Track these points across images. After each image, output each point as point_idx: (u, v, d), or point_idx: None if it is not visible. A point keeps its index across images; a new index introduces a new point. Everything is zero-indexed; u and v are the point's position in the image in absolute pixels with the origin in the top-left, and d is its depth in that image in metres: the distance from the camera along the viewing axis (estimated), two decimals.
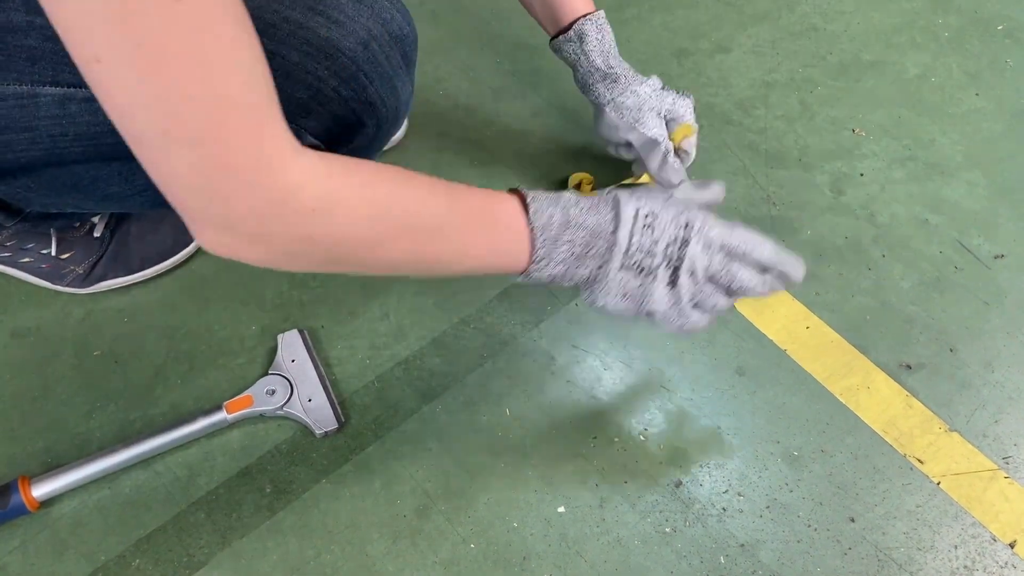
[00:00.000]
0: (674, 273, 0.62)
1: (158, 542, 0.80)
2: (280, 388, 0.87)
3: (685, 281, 0.62)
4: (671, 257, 0.62)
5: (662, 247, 0.62)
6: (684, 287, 0.62)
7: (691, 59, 1.23)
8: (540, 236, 0.59)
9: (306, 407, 0.86)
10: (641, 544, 0.81)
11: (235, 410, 0.85)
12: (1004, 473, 0.86)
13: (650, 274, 0.62)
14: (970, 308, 0.98)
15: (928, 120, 1.17)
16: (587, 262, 0.61)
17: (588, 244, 0.60)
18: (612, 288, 0.62)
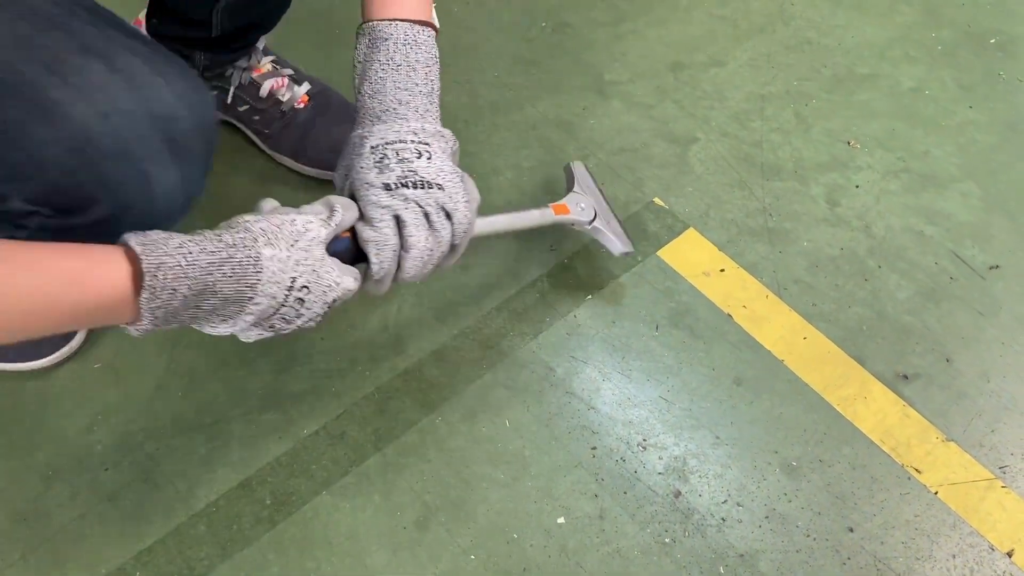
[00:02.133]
0: None
1: (158, 554, 0.80)
2: (586, 205, 0.93)
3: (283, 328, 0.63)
4: (302, 325, 0.63)
5: (301, 322, 0.63)
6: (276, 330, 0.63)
7: (686, 72, 1.24)
8: (150, 311, 0.54)
9: (609, 228, 0.93)
10: (641, 555, 0.81)
11: (559, 213, 0.90)
12: (1001, 482, 0.86)
13: (273, 331, 0.63)
14: (965, 318, 0.99)
15: (922, 132, 1.18)
16: (211, 319, 0.59)
17: (216, 309, 0.58)
18: (233, 332, 0.61)
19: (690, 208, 1.08)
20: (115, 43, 0.62)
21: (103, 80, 0.60)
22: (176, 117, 0.64)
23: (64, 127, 0.59)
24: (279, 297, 0.59)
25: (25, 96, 0.58)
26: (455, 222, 0.68)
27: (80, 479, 0.84)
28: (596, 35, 1.29)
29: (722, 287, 1.00)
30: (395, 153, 0.67)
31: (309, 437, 0.87)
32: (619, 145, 1.14)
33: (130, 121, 0.61)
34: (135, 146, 0.62)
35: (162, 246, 0.54)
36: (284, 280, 0.59)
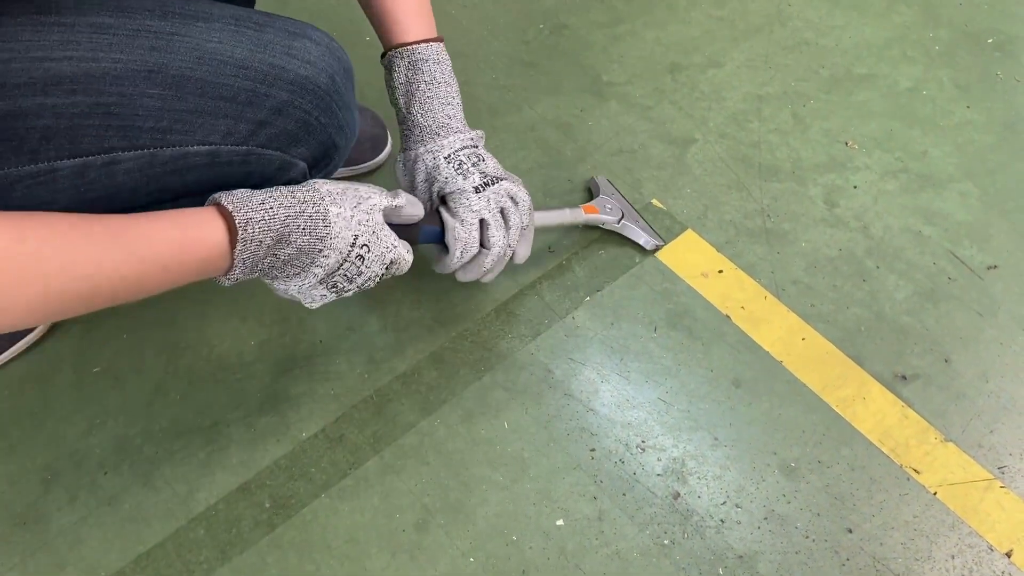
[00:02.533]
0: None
1: (157, 558, 0.80)
2: (614, 207, 1.02)
3: (345, 287, 0.73)
4: (361, 284, 0.73)
5: (361, 281, 0.72)
6: (344, 293, 0.73)
7: (684, 73, 1.24)
8: (241, 261, 0.63)
9: (637, 225, 1.02)
10: (640, 556, 0.81)
11: (589, 212, 0.99)
12: (1000, 483, 0.86)
13: (336, 291, 0.72)
14: (964, 319, 0.99)
15: (920, 132, 1.18)
16: (286, 270, 0.68)
17: (291, 260, 0.67)
18: (300, 292, 0.71)
19: (688, 209, 1.08)
20: (279, 20, 0.73)
21: (319, 53, 0.71)
22: (350, 67, 0.76)
23: (317, 95, 0.71)
24: (343, 251, 0.68)
25: (286, 79, 0.69)
26: (520, 204, 0.83)
27: (79, 482, 0.84)
28: (594, 37, 1.29)
29: (720, 288, 1.00)
30: (467, 158, 0.81)
31: (308, 440, 0.87)
32: (617, 146, 1.15)
33: (341, 79, 0.74)
34: (347, 96, 0.75)
35: (247, 203, 0.63)
36: (347, 236, 0.68)
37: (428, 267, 1.00)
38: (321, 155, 0.75)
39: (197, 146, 0.68)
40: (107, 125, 0.63)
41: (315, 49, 0.71)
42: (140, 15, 0.65)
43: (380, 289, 0.99)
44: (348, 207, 0.69)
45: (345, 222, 0.68)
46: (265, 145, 0.71)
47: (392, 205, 0.73)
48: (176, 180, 0.68)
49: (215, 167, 0.69)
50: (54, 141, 0.61)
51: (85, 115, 0.62)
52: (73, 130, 0.61)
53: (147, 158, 0.66)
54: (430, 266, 0.86)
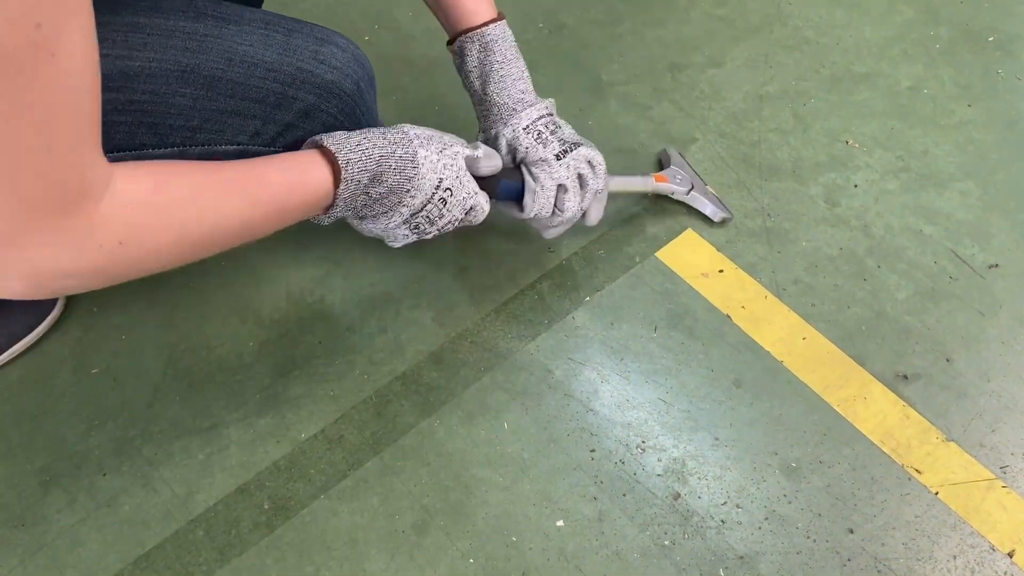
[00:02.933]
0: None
1: (157, 560, 0.80)
2: (684, 178, 1.03)
3: (427, 228, 0.77)
4: (441, 227, 0.77)
5: (442, 223, 0.76)
6: (425, 235, 0.78)
7: (684, 73, 1.24)
8: (343, 200, 0.68)
9: (707, 197, 1.03)
10: (640, 557, 0.81)
11: (659, 180, 1.01)
12: (1002, 482, 0.86)
13: (418, 232, 0.76)
14: (965, 318, 0.98)
15: (921, 131, 1.18)
16: (375, 208, 0.72)
17: (382, 198, 0.71)
18: (385, 231, 0.75)
19: (688, 209, 1.07)
20: (306, 26, 0.75)
21: (344, 59, 0.75)
22: (373, 74, 0.80)
23: (343, 100, 0.75)
24: (428, 192, 0.72)
25: (313, 84, 0.72)
26: (596, 169, 0.86)
27: (78, 484, 0.84)
28: (593, 36, 1.29)
29: (721, 288, 1.00)
30: (545, 127, 0.84)
31: (307, 441, 0.87)
32: (617, 146, 1.14)
33: (365, 85, 0.77)
34: (370, 101, 0.79)
35: (347, 144, 0.67)
36: (433, 179, 0.72)
37: (429, 267, 1.00)
38: None
39: (225, 146, 0.70)
40: (139, 122, 0.65)
41: (341, 55, 0.74)
42: (174, 16, 0.66)
43: (377, 291, 0.99)
44: (434, 151, 0.72)
45: (432, 164, 0.71)
46: (291, 147, 0.73)
47: (473, 155, 0.76)
48: None
49: None
50: None
51: (118, 112, 0.63)
52: (106, 126, 0.62)
53: (176, 155, 0.67)
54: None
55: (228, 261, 1.00)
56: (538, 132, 0.84)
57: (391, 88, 1.20)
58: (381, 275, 1.00)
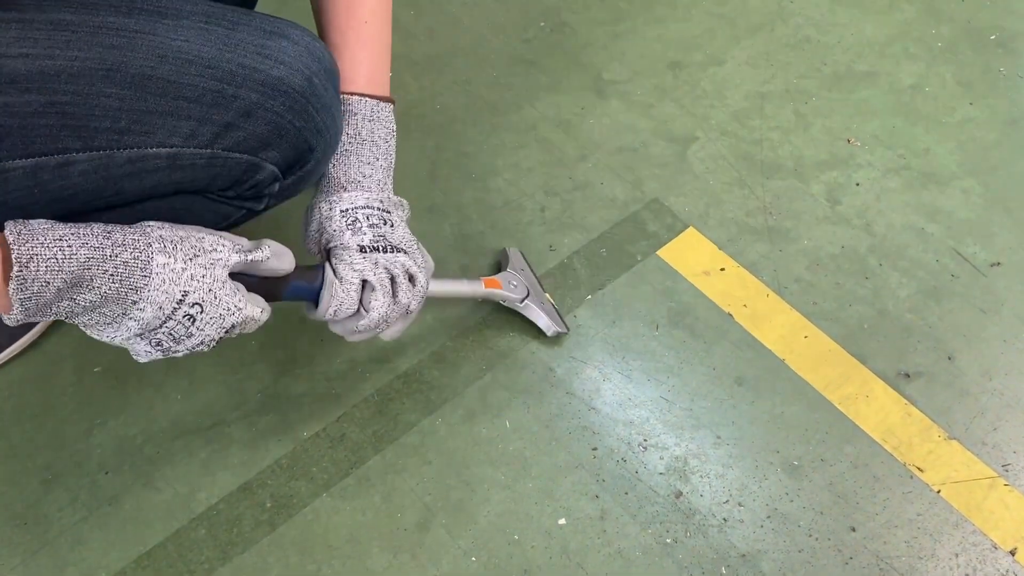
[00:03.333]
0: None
1: (159, 558, 0.80)
2: (519, 284, 0.95)
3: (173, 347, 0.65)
4: (192, 347, 0.65)
5: (192, 343, 0.64)
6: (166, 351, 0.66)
7: (685, 71, 1.24)
8: (19, 301, 0.56)
9: (542, 308, 0.94)
10: (642, 555, 0.81)
11: (489, 286, 0.91)
12: (1004, 480, 0.86)
13: (161, 349, 0.65)
14: (967, 316, 0.98)
15: (922, 130, 1.18)
16: (93, 317, 0.61)
17: (96, 307, 0.60)
18: (119, 342, 0.64)
19: (690, 207, 1.07)
20: (256, 18, 0.69)
21: (295, 53, 0.68)
22: (333, 69, 0.73)
23: (291, 97, 0.68)
24: (167, 309, 0.61)
25: (256, 80, 0.66)
26: (417, 285, 0.76)
27: (80, 483, 0.84)
28: (594, 34, 1.29)
29: (722, 286, 1.00)
30: (365, 217, 0.75)
31: (309, 439, 0.87)
32: (618, 144, 1.14)
33: (320, 80, 0.70)
34: (327, 97, 0.71)
35: (40, 236, 0.56)
36: (174, 292, 0.61)
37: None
38: (295, 159, 0.72)
39: (157, 148, 0.65)
40: (61, 125, 0.61)
41: (291, 49, 0.68)
42: (104, 11, 0.62)
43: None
44: (181, 258, 0.61)
45: (173, 275, 0.60)
46: (232, 148, 0.68)
47: (247, 260, 0.65)
48: (135, 183, 0.66)
49: (177, 170, 0.67)
50: (6, 141, 0.59)
51: (38, 114, 0.60)
52: (25, 129, 0.59)
53: (103, 160, 0.63)
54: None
55: None
56: (355, 219, 0.74)
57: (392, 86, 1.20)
58: None
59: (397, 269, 0.74)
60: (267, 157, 0.70)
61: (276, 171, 0.72)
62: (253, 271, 0.67)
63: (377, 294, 0.72)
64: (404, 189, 1.07)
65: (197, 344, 0.65)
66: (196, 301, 0.62)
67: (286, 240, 0.72)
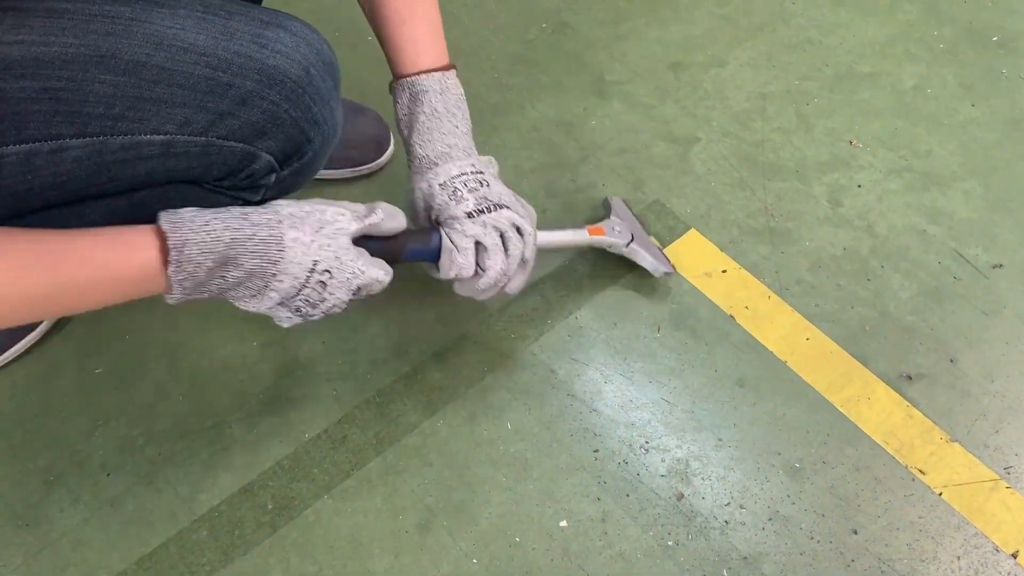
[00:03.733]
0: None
1: (160, 559, 0.80)
2: (623, 230, 0.96)
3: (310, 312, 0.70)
4: (327, 310, 0.70)
5: (326, 306, 0.69)
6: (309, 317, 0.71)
7: (687, 73, 1.24)
8: (178, 283, 0.62)
9: (648, 251, 0.96)
10: (644, 558, 0.81)
11: (594, 234, 0.94)
12: (1006, 483, 0.86)
13: (300, 315, 0.70)
14: (969, 318, 0.98)
15: (924, 131, 1.18)
16: (240, 291, 0.66)
17: (243, 282, 0.65)
18: (264, 312, 0.69)
19: (691, 209, 1.07)
20: (254, 9, 0.70)
21: (293, 43, 0.69)
22: (333, 62, 0.74)
23: (287, 86, 0.69)
24: (300, 278, 0.65)
25: (252, 68, 0.67)
26: (524, 235, 0.78)
27: (81, 484, 0.84)
28: (596, 35, 1.29)
29: (724, 288, 1.00)
30: (463, 185, 0.77)
31: (310, 441, 0.87)
32: (620, 146, 1.14)
33: (318, 71, 0.71)
34: (324, 89, 0.73)
35: (189, 223, 0.61)
36: (306, 262, 0.65)
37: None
38: (292, 150, 0.73)
39: (151, 135, 0.65)
40: (55, 111, 0.61)
41: (289, 39, 0.69)
42: (100, 0, 0.63)
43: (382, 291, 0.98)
44: (308, 231, 0.66)
45: (303, 247, 0.65)
46: (227, 137, 0.69)
47: (365, 224, 0.70)
48: (128, 170, 0.66)
49: (170, 158, 0.67)
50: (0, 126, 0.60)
51: (32, 100, 0.60)
52: (19, 115, 0.60)
53: (96, 146, 0.64)
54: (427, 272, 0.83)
55: None
56: (455, 189, 0.77)
57: None
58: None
59: (504, 224, 0.77)
60: (263, 146, 0.71)
61: (272, 161, 0.73)
62: (372, 233, 0.71)
63: (491, 253, 0.76)
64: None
65: (331, 307, 0.69)
66: (326, 268, 0.66)
67: None
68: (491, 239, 0.76)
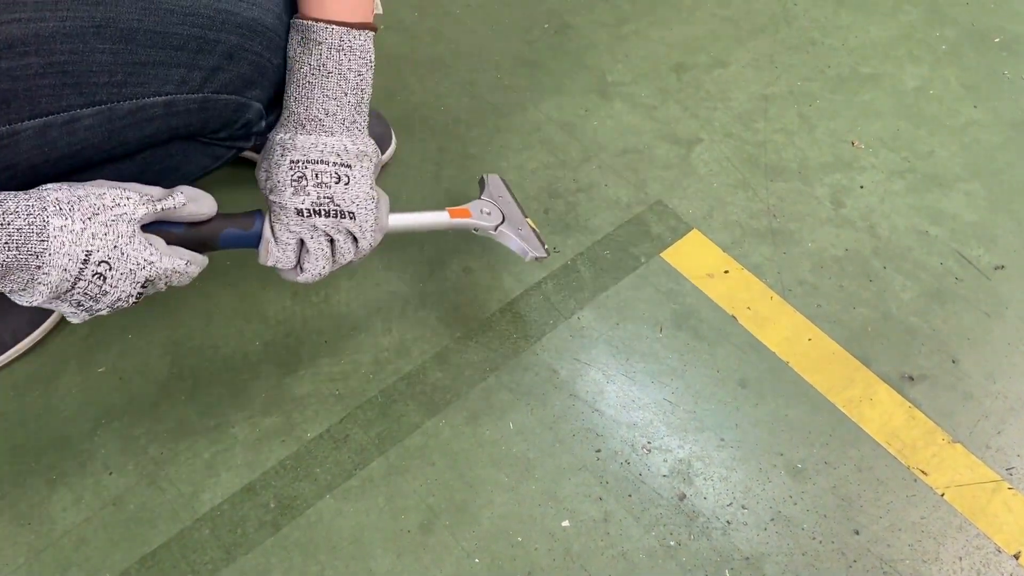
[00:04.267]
0: None
1: (162, 559, 0.80)
2: (493, 212, 0.88)
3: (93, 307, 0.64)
4: (112, 304, 0.64)
5: (110, 300, 0.63)
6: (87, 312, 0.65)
7: (690, 74, 1.24)
8: None
9: (517, 234, 0.87)
10: (646, 558, 0.81)
11: (456, 216, 0.85)
12: (1008, 484, 0.86)
13: (84, 309, 0.64)
14: (971, 319, 0.98)
15: (926, 132, 1.18)
16: (5, 284, 0.60)
17: (2, 274, 0.59)
18: (39, 302, 0.62)
19: (693, 209, 1.07)
20: None
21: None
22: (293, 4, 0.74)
23: (267, 36, 0.70)
24: (72, 271, 0.60)
25: (234, 23, 0.68)
26: (359, 247, 0.73)
27: (84, 483, 0.84)
28: (598, 36, 1.29)
29: (726, 289, 1.00)
30: (314, 175, 0.70)
31: (313, 441, 0.87)
32: (622, 146, 1.14)
33: (288, 16, 0.73)
34: (281, 30, 0.73)
35: None
36: (76, 252, 0.60)
37: (434, 267, 1.00)
38: (276, 95, 0.75)
39: (153, 97, 0.67)
40: (63, 84, 0.63)
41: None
42: None
43: (383, 291, 0.99)
44: (79, 219, 0.60)
45: (72, 236, 0.59)
46: (220, 91, 0.70)
47: (158, 208, 0.64)
48: (136, 132, 0.68)
49: (173, 116, 0.69)
50: (13, 104, 0.61)
51: (40, 75, 0.61)
52: (31, 91, 0.61)
53: (106, 113, 0.66)
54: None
55: (233, 261, 1.00)
56: (301, 175, 0.70)
57: (396, 87, 1.20)
58: (386, 275, 1.00)
59: (338, 233, 0.71)
60: (252, 96, 0.73)
61: (261, 108, 0.75)
62: (170, 218, 0.66)
63: (311, 257, 0.71)
64: (408, 190, 1.07)
65: (115, 301, 0.64)
66: (102, 259, 0.61)
67: None
68: (316, 244, 0.71)
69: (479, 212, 0.88)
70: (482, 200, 0.90)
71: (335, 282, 0.99)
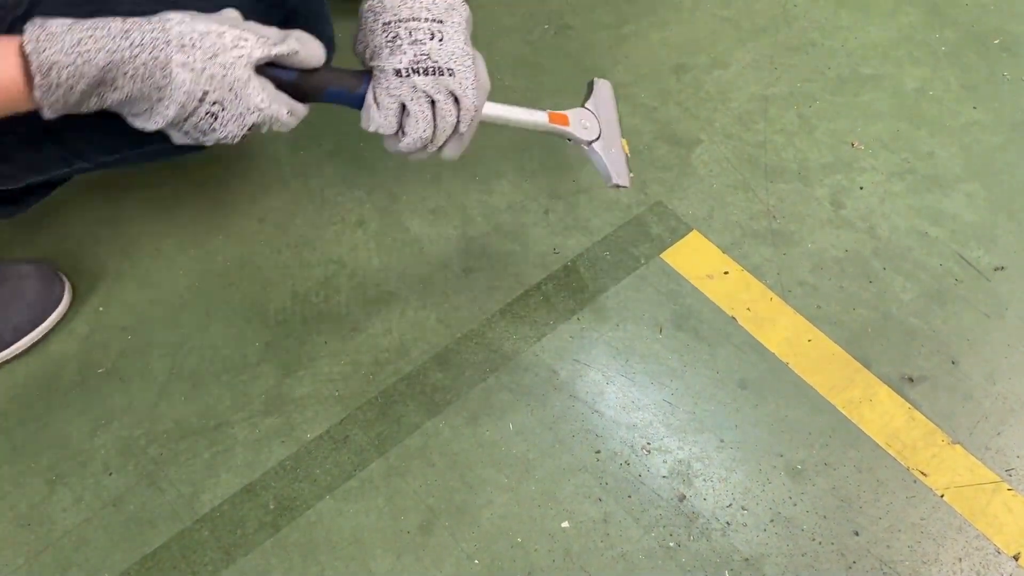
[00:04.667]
0: None
1: (162, 559, 0.80)
2: (591, 126, 0.84)
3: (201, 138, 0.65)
4: (219, 139, 0.64)
5: (217, 136, 0.64)
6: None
7: (689, 74, 1.24)
8: (48, 104, 0.58)
9: (608, 155, 0.83)
10: (645, 559, 0.81)
11: (555, 121, 0.82)
12: (1007, 485, 0.86)
13: (191, 138, 0.65)
14: (971, 320, 0.98)
15: (926, 133, 1.18)
16: (124, 109, 0.62)
17: (125, 103, 0.60)
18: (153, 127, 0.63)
19: (693, 210, 1.08)
20: None
21: None
22: None
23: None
24: (188, 107, 0.61)
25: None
26: (462, 108, 0.69)
27: (84, 484, 0.84)
28: (598, 37, 1.29)
29: (726, 289, 1.00)
30: (408, 33, 0.68)
31: (312, 441, 0.87)
32: None
33: None
34: None
35: (59, 42, 0.56)
36: (195, 91, 0.60)
37: (434, 268, 1.00)
38: None
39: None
40: (90, 13, 0.60)
41: None
42: None
43: (383, 291, 0.99)
44: (200, 57, 0.60)
45: (193, 75, 0.59)
46: None
47: (273, 52, 0.63)
48: None
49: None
50: None
51: (71, 4, 0.61)
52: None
53: None
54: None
55: (233, 261, 1.00)
56: (395, 35, 0.68)
57: None
58: (386, 276, 1.00)
59: (439, 92, 0.68)
60: None
61: None
62: (283, 63, 0.65)
63: (411, 120, 0.68)
64: (408, 191, 1.07)
65: (222, 138, 0.64)
66: (216, 100, 0.62)
67: None
68: (417, 106, 0.68)
69: (578, 122, 0.84)
70: (585, 109, 0.85)
71: (335, 282, 0.99)
